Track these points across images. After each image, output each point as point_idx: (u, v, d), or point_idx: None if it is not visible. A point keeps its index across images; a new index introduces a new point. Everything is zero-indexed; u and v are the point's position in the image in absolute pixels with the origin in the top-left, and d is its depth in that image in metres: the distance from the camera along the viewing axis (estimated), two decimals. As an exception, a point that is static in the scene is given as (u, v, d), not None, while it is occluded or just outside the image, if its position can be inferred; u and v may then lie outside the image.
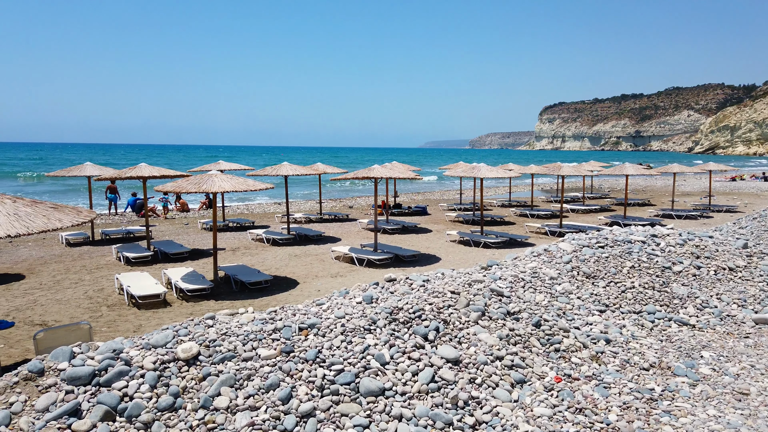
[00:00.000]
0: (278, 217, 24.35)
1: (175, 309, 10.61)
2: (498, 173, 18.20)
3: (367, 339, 5.31)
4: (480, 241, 17.32)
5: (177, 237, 18.74)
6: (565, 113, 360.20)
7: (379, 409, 4.60)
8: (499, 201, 31.70)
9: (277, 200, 33.16)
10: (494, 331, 5.87)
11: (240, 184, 11.92)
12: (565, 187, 44.47)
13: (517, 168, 25.93)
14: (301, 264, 14.64)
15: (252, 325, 5.32)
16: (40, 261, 14.80)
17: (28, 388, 4.27)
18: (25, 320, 9.84)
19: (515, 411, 4.83)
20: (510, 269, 7.66)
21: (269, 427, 4.27)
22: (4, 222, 6.57)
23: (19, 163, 77.86)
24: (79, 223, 7.34)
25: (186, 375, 4.60)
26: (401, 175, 15.49)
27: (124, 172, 15.16)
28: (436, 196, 38.76)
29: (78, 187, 41.50)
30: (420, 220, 23.35)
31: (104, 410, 4.13)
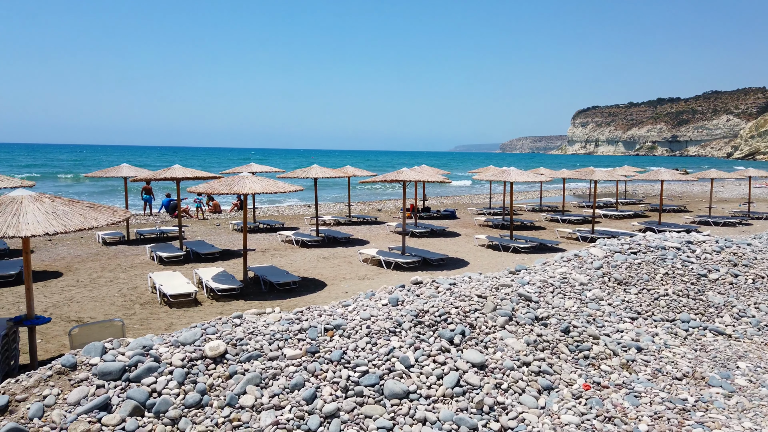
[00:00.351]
0: (308, 219, 24.55)
1: (206, 308, 10.78)
2: (528, 177, 17.99)
3: (392, 341, 5.29)
4: (509, 246, 17.14)
5: (209, 237, 19.06)
6: (599, 117, 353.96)
7: (403, 411, 4.59)
8: (530, 205, 31.32)
9: (307, 202, 33.45)
10: (521, 337, 5.78)
11: (270, 186, 12.06)
12: (598, 193, 43.67)
13: (549, 172, 25.58)
14: (329, 266, 14.72)
15: (278, 324, 5.37)
16: (78, 259, 15.23)
17: (61, 382, 4.39)
18: (62, 316, 10.13)
19: (542, 418, 4.75)
20: (539, 274, 7.55)
21: (293, 426, 4.29)
22: (42, 220, 6.79)
23: (59, 164, 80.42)
24: (114, 222, 7.54)
25: (213, 373, 4.66)
26: (430, 178, 15.45)
27: (159, 173, 15.50)
28: (465, 200, 38.54)
29: (115, 187, 42.64)
30: (449, 224, 23.23)
31: (133, 405, 4.22)
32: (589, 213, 26.41)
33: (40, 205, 7.08)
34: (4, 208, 6.84)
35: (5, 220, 6.62)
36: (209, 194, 13.68)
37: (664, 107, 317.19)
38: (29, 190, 7.37)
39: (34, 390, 4.29)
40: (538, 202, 34.09)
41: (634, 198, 37.51)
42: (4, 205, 6.90)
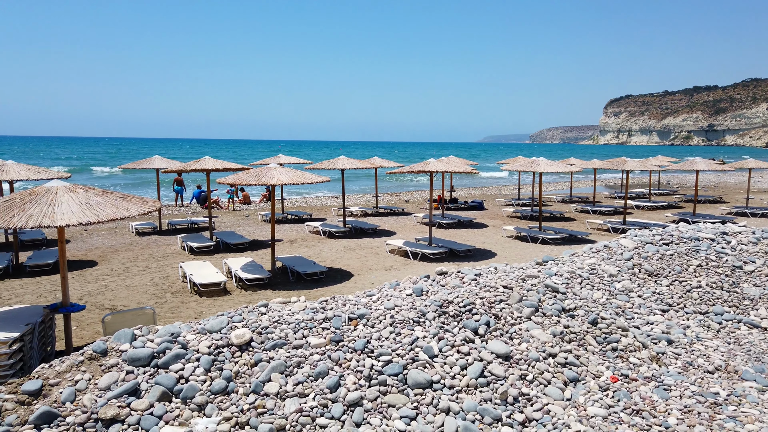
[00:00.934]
0: (335, 210, 24.67)
1: (235, 297, 10.95)
2: (558, 168, 17.71)
3: (415, 331, 5.29)
4: (538, 237, 16.93)
5: (238, 228, 19.33)
6: (632, 106, 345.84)
7: (427, 401, 4.58)
8: (559, 196, 30.86)
9: (334, 193, 33.61)
10: (548, 328, 5.71)
11: (298, 177, 12.14)
12: (631, 183, 42.76)
13: (579, 163, 25.13)
14: (356, 256, 14.77)
15: (303, 313, 5.41)
16: (112, 249, 15.62)
17: (92, 367, 4.51)
18: (96, 304, 10.42)
19: (567, 410, 4.69)
20: (567, 265, 7.43)
21: (317, 414, 4.33)
22: (76, 210, 6.97)
23: (94, 157, 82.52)
24: (145, 212, 7.69)
25: (239, 360, 4.73)
26: (458, 169, 15.34)
27: (190, 164, 15.75)
28: (493, 191, 38.18)
29: (147, 179, 43.55)
30: (476, 215, 23.05)
31: (161, 391, 4.31)
32: (621, 204, 25.88)
33: (75, 195, 7.26)
34: (39, 198, 7.04)
35: (41, 210, 6.82)
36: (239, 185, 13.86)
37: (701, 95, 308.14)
38: (64, 182, 7.57)
39: (66, 375, 4.42)
40: (567, 193, 33.56)
41: (667, 189, 36.60)
42: (40, 195, 7.10)
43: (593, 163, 24.51)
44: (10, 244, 15.14)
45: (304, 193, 35.54)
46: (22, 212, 6.79)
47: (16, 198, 7.14)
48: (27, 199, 7.07)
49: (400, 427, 4.30)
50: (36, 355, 7.35)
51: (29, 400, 4.17)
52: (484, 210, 25.47)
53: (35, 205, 6.91)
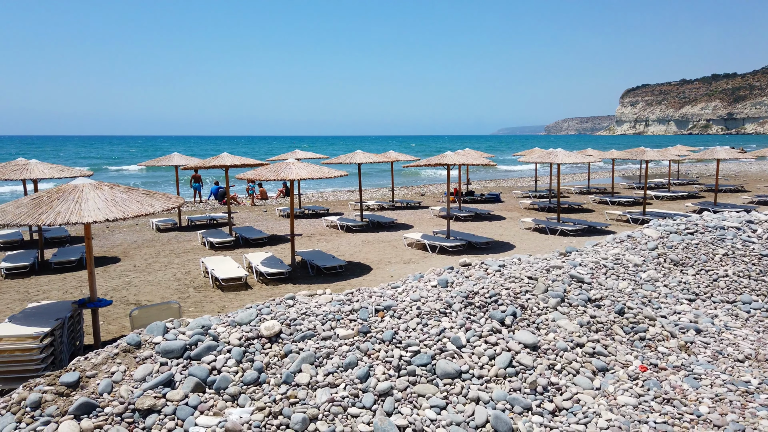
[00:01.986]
0: (351, 204, 24.72)
1: (256, 291, 11.05)
2: (576, 158, 17.57)
3: (442, 322, 5.30)
4: (556, 229, 16.83)
5: (256, 223, 19.47)
6: (649, 96, 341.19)
7: (456, 391, 4.60)
8: (577, 188, 30.62)
9: (350, 188, 33.66)
10: (574, 318, 5.69)
11: (315, 172, 12.19)
12: (649, 173, 42.26)
13: (597, 153, 24.89)
14: (374, 250, 14.82)
15: (330, 305, 5.45)
16: (134, 245, 15.83)
17: (127, 359, 4.60)
18: (121, 299, 10.58)
19: (597, 399, 4.68)
20: (591, 255, 7.39)
21: (348, 404, 4.37)
22: (103, 207, 7.08)
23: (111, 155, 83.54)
24: (169, 208, 7.79)
25: (269, 351, 4.79)
26: (475, 161, 15.29)
27: (208, 161, 15.88)
28: (509, 183, 37.98)
29: (165, 178, 43.95)
30: (493, 208, 22.97)
31: (195, 382, 4.38)
32: (640, 194, 25.61)
33: (100, 192, 7.37)
34: (66, 195, 7.15)
35: (68, 208, 6.93)
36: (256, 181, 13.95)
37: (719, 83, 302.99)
38: (89, 179, 7.68)
39: (102, 367, 4.51)
40: (585, 184, 33.28)
41: (687, 178, 36.12)
42: (67, 193, 7.22)
43: (611, 153, 24.29)
44: (36, 242, 15.41)
45: (320, 187, 35.66)
46: (50, 209, 6.91)
47: (43, 196, 7.27)
48: (54, 196, 7.19)
49: (431, 416, 4.33)
50: (66, 349, 7.50)
51: (68, 392, 4.27)
52: (501, 202, 25.37)
53: (63, 203, 7.03)
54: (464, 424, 4.30)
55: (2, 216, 7.01)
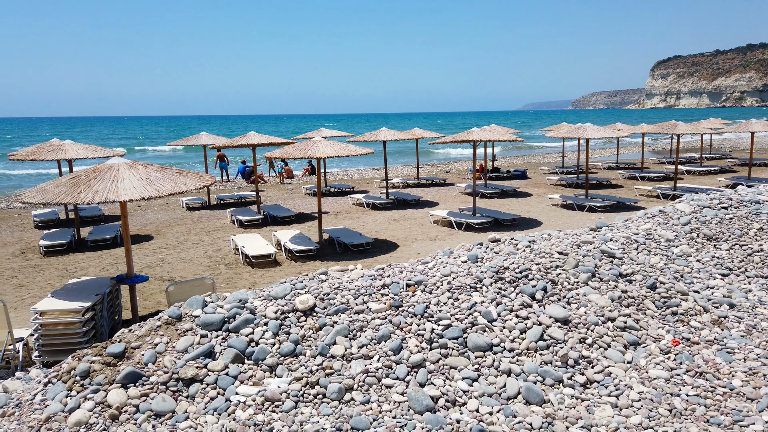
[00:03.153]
0: (377, 182, 24.79)
1: (285, 268, 11.26)
2: (606, 133, 17.29)
3: (473, 296, 5.36)
4: (584, 205, 16.66)
5: (283, 201, 19.70)
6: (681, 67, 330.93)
7: (488, 363, 4.68)
8: (605, 163, 30.13)
9: (375, 166, 33.68)
10: (605, 293, 5.69)
11: (342, 150, 12.26)
12: (681, 148, 41.25)
13: (627, 128, 24.40)
14: (400, 227, 14.90)
15: (362, 280, 5.55)
16: (165, 224, 16.19)
17: (169, 332, 4.78)
18: (156, 276, 10.89)
19: (629, 372, 4.71)
20: (621, 231, 7.33)
21: (382, 375, 4.48)
22: (138, 186, 7.26)
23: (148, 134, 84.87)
24: (201, 186, 7.95)
25: (304, 324, 4.92)
26: (501, 137, 15.16)
27: (236, 140, 16.06)
28: (536, 159, 37.54)
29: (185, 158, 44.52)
30: (519, 184, 22.80)
31: (234, 353, 4.54)
32: (671, 169, 25.10)
33: (135, 171, 7.55)
34: (103, 175, 7.35)
35: (105, 187, 7.13)
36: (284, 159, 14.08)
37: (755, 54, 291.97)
38: (123, 159, 7.87)
39: (146, 338, 4.70)
40: (614, 159, 32.72)
41: (720, 153, 35.19)
42: (103, 172, 7.41)
43: (641, 127, 23.79)
44: (72, 220, 15.87)
45: (345, 165, 35.75)
46: (88, 188, 7.12)
47: (81, 175, 7.48)
48: (92, 176, 7.39)
49: (463, 387, 4.41)
50: (106, 323, 7.79)
51: (114, 362, 4.46)
52: (527, 179, 25.15)
53: (100, 182, 7.23)
54: (496, 396, 4.38)
55: (43, 195, 7.25)
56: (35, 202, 7.06)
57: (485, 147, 21.90)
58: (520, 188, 21.55)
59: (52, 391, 4.30)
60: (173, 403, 4.15)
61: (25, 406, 4.26)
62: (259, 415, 4.07)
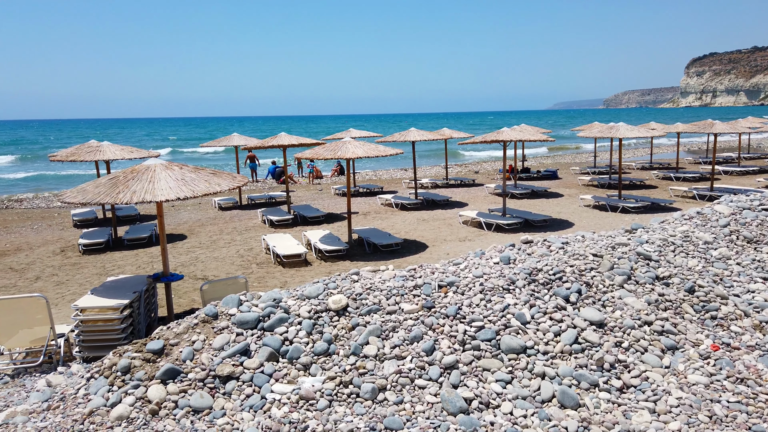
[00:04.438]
0: (405, 182, 24.77)
1: (315, 268, 11.34)
2: (639, 132, 16.95)
3: (506, 298, 5.33)
4: (618, 206, 16.36)
5: (313, 202, 19.85)
6: (717, 65, 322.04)
7: (521, 366, 4.65)
8: (639, 163, 29.53)
9: (404, 166, 33.67)
10: (641, 296, 5.60)
11: (372, 150, 12.29)
12: (718, 148, 40.21)
13: (661, 127, 23.87)
14: (429, 228, 14.87)
15: (394, 281, 5.57)
16: (198, 223, 16.49)
17: (206, 329, 4.88)
18: (189, 274, 11.10)
19: (667, 377, 4.62)
20: (657, 233, 7.19)
21: (415, 375, 4.50)
22: (174, 186, 7.42)
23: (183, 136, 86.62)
24: (235, 186, 8.08)
25: (337, 324, 4.96)
26: (532, 137, 14.99)
27: (267, 141, 16.25)
28: (566, 159, 37.02)
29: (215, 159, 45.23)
30: (550, 185, 22.51)
31: (269, 351, 4.61)
32: (707, 170, 24.47)
33: (171, 172, 7.72)
34: (140, 176, 7.53)
35: (143, 187, 7.31)
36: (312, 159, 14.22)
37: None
38: (160, 160, 8.05)
39: (184, 336, 4.81)
40: (647, 159, 32.05)
41: (759, 152, 34.14)
42: (140, 173, 7.60)
43: (677, 126, 23.24)
44: (109, 220, 16.28)
45: (374, 166, 35.84)
46: (126, 189, 7.30)
47: (119, 176, 7.68)
48: (129, 176, 7.58)
49: (497, 389, 4.40)
50: (143, 320, 7.98)
51: (154, 358, 4.58)
52: (558, 179, 24.82)
53: (137, 182, 7.41)
54: (530, 399, 4.35)
55: (83, 195, 7.47)
56: (76, 202, 7.27)
57: (515, 147, 21.68)
58: (551, 189, 21.28)
59: (94, 386, 4.43)
60: (210, 400, 4.24)
61: (69, 400, 4.40)
62: (294, 413, 4.13)
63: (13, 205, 21.42)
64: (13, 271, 11.72)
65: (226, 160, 43.23)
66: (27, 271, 11.62)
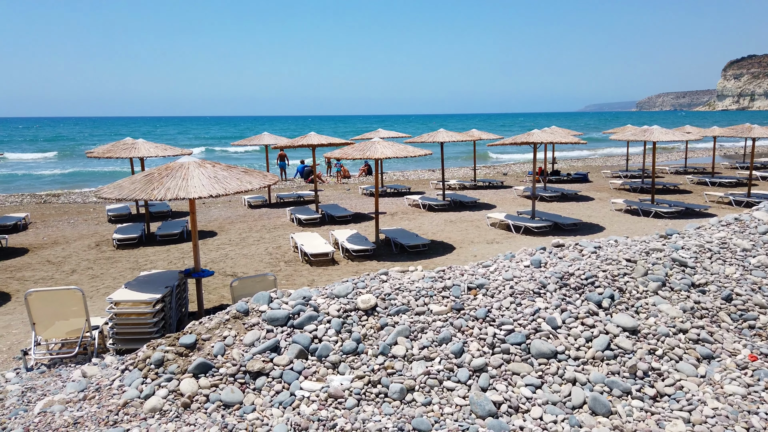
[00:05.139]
0: (433, 183, 24.70)
1: (342, 267, 11.40)
2: (674, 136, 16.59)
3: (536, 302, 5.27)
4: (650, 211, 16.04)
5: (340, 201, 19.95)
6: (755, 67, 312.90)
7: (551, 371, 4.59)
8: (672, 167, 28.90)
9: (431, 167, 33.59)
10: (676, 303, 5.47)
11: (400, 151, 12.29)
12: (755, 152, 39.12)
13: (696, 131, 23.31)
14: (456, 229, 14.80)
15: (422, 282, 5.56)
16: (228, 221, 16.72)
17: (237, 325, 4.94)
18: (219, 271, 11.26)
19: (702, 387, 4.51)
20: (693, 239, 7.02)
21: (444, 377, 4.48)
22: (207, 184, 7.54)
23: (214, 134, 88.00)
24: (266, 185, 8.17)
25: (366, 324, 4.97)
26: (563, 139, 14.79)
27: (296, 140, 16.40)
28: (597, 162, 36.44)
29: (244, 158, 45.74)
30: (580, 188, 22.19)
31: (299, 349, 4.65)
32: (744, 175, 23.78)
33: (204, 170, 7.84)
34: (174, 173, 7.67)
35: (176, 184, 7.44)
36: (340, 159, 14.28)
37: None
38: (193, 157, 8.19)
39: (215, 331, 4.88)
40: (681, 163, 31.35)
41: (799, 158, 33.06)
42: (174, 170, 7.74)
43: (713, 130, 22.67)
44: (142, 215, 16.63)
45: (401, 167, 35.83)
46: (161, 185, 7.45)
47: (154, 173, 7.84)
48: (164, 173, 7.73)
49: (526, 394, 4.35)
50: (174, 314, 8.12)
51: (186, 352, 4.66)
52: (588, 182, 24.46)
53: (171, 179, 7.55)
54: (561, 404, 4.29)
55: (120, 191, 7.65)
56: (113, 198, 7.44)
57: (545, 149, 21.43)
58: (581, 192, 20.98)
59: (129, 378, 4.53)
60: (241, 395, 4.29)
61: (104, 391, 4.51)
62: (322, 410, 4.15)
63: (50, 200, 22.05)
64: (50, 263, 12.07)
65: (251, 160, 43.72)
66: (63, 264, 11.95)
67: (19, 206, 20.52)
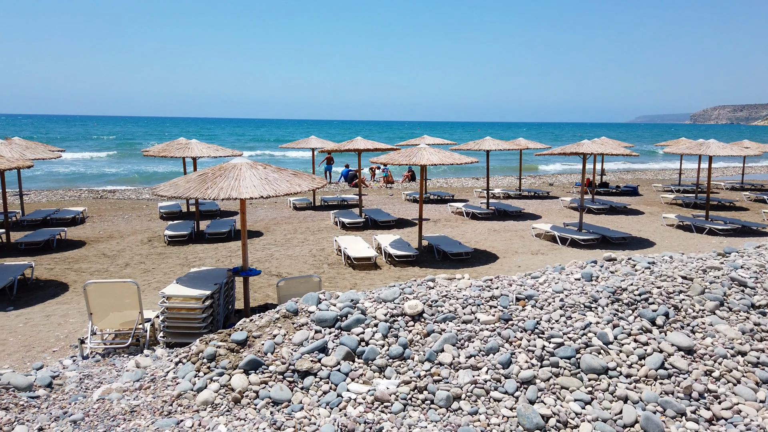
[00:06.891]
0: (476, 191, 24.52)
1: (384, 272, 11.43)
2: (732, 151, 16.00)
3: (587, 316, 5.17)
4: (704, 227, 15.47)
5: (384, 206, 20.02)
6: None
7: (602, 387, 4.48)
8: (728, 183, 27.82)
9: (475, 175, 33.35)
10: (735, 324, 5.27)
11: (446, 158, 12.26)
12: (818, 170, 37.21)
13: (755, 146, 22.38)
14: (500, 239, 14.64)
15: (470, 290, 5.53)
16: (274, 221, 17.03)
17: (286, 324, 5.03)
18: (264, 270, 11.47)
19: (762, 412, 4.32)
20: (753, 258, 6.75)
21: (491, 387, 4.44)
22: (258, 185, 7.72)
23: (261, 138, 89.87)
24: (314, 188, 8.30)
25: (412, 329, 4.98)
26: (614, 151, 14.46)
27: (343, 144, 16.58)
28: (648, 175, 35.41)
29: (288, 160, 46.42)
30: (630, 201, 21.61)
31: (346, 351, 4.70)
32: (807, 193, 22.68)
33: (255, 171, 8.03)
34: (227, 173, 7.89)
35: (229, 184, 7.65)
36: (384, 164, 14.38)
37: None
38: (245, 159, 8.40)
39: (266, 329, 4.99)
40: (738, 179, 30.13)
41: None
42: (227, 171, 7.96)
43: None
44: (193, 213, 17.12)
45: (445, 174, 35.72)
46: (215, 185, 7.67)
47: (208, 173, 8.08)
48: (218, 173, 7.96)
49: (576, 409, 4.27)
50: (221, 311, 8.33)
51: (237, 348, 4.78)
52: (638, 196, 23.79)
53: (224, 180, 7.77)
54: (611, 422, 4.19)
55: (175, 189, 7.91)
56: (169, 195, 7.70)
57: (594, 161, 20.99)
58: (631, 205, 20.43)
59: (182, 371, 4.68)
60: (289, 393, 4.37)
61: (159, 382, 4.67)
62: (369, 413, 4.18)
63: (107, 196, 22.95)
64: (105, 256, 12.56)
65: (295, 164, 44.36)
66: (117, 258, 12.42)
67: (78, 201, 21.43)
